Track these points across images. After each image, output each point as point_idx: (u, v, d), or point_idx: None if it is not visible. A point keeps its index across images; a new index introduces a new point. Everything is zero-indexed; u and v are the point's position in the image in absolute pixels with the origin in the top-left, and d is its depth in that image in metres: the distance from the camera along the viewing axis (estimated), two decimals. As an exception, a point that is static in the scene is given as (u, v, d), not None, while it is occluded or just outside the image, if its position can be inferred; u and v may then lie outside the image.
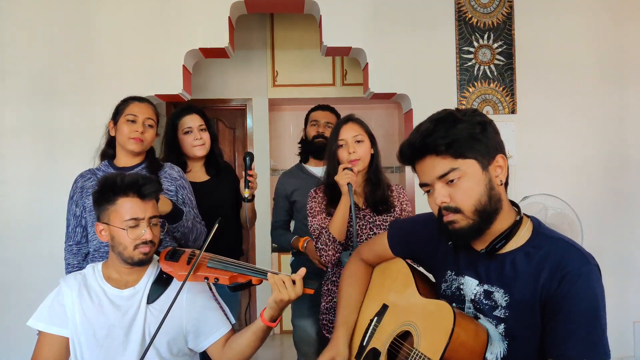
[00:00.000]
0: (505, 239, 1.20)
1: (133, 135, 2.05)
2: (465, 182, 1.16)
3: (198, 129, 2.40)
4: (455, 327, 1.16)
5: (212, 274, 1.53)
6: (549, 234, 1.21)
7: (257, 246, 4.51)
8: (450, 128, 1.16)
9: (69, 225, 2.09)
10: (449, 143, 1.14)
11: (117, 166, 2.10)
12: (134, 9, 3.07)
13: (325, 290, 2.13)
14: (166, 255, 1.61)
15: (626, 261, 3.25)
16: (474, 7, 3.21)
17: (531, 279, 1.15)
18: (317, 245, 2.05)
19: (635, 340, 3.26)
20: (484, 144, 1.18)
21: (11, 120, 3.04)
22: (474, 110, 1.23)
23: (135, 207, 1.55)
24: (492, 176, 1.19)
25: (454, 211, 1.17)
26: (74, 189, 2.09)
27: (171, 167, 2.18)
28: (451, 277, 1.32)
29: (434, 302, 1.30)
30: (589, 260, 1.13)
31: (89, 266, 1.68)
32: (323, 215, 2.08)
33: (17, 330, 2.83)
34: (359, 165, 2.02)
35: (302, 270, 1.50)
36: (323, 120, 2.67)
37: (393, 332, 1.36)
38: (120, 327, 1.56)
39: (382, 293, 1.49)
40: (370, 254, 1.57)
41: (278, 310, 1.51)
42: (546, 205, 2.91)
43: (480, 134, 1.17)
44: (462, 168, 1.15)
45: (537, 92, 3.24)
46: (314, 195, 2.15)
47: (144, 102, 2.13)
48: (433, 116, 1.21)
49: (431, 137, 1.16)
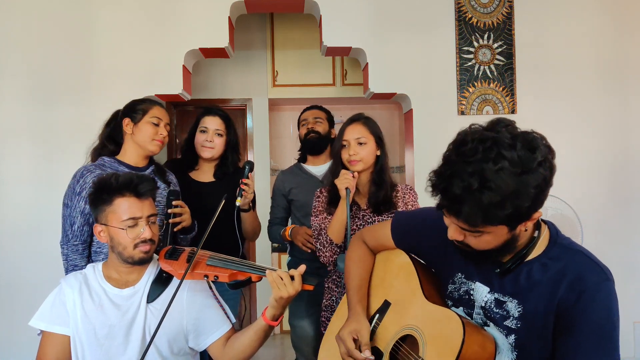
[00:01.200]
0: (521, 259, 1.15)
1: (158, 138, 2.07)
2: (485, 238, 1.09)
3: (214, 132, 2.37)
4: (465, 340, 1.13)
5: (211, 272, 1.53)
6: (567, 245, 1.16)
7: (257, 246, 4.51)
8: (517, 198, 0.98)
9: (74, 223, 1.97)
10: (487, 217, 1.00)
11: (128, 164, 2.07)
12: (133, 9, 3.07)
13: (326, 288, 2.15)
14: (165, 254, 1.61)
15: (626, 261, 3.25)
16: (474, 7, 3.21)
17: (547, 290, 1.11)
18: (317, 246, 2.09)
19: (635, 340, 3.26)
20: (532, 206, 1.03)
21: (10, 120, 3.04)
22: (541, 138, 1.05)
23: (132, 207, 1.55)
24: (517, 232, 1.10)
25: (467, 247, 1.14)
26: (82, 185, 1.97)
27: (170, 174, 2.23)
28: (461, 279, 1.28)
29: (441, 309, 1.26)
30: (607, 277, 1.10)
31: (89, 266, 1.68)
32: (324, 215, 2.10)
33: (17, 330, 2.84)
34: (359, 165, 2.03)
35: (302, 266, 1.50)
36: (311, 117, 2.68)
37: (396, 335, 1.34)
38: (121, 326, 1.56)
39: (384, 287, 1.46)
40: (372, 241, 1.53)
41: (280, 309, 1.51)
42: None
43: (540, 194, 1.02)
44: (487, 231, 1.07)
45: (537, 92, 3.24)
46: (319, 194, 2.17)
47: (163, 107, 2.16)
48: (502, 181, 0.97)
49: (494, 212, 0.99)
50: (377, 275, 1.51)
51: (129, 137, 2.08)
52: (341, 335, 1.38)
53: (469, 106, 3.22)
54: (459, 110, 3.21)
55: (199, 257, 1.57)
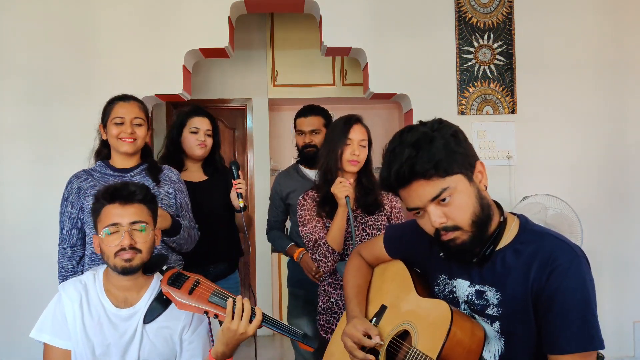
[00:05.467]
0: (493, 244, 1.21)
1: (122, 136, 1.99)
2: (458, 199, 1.15)
3: (205, 132, 2.42)
4: (453, 325, 1.17)
5: (212, 310, 1.46)
6: (536, 229, 1.23)
7: (257, 246, 4.51)
8: (430, 148, 1.13)
9: (63, 227, 2.02)
10: (435, 164, 1.12)
11: (115, 167, 2.05)
12: (133, 9, 3.07)
13: (322, 290, 2.13)
14: (169, 279, 1.54)
15: (625, 261, 3.25)
16: (474, 7, 3.21)
17: (521, 274, 1.16)
18: (315, 257, 2.05)
19: (635, 340, 3.26)
20: (463, 154, 1.17)
21: (9, 121, 3.03)
22: (439, 121, 1.20)
23: (113, 213, 1.52)
24: (478, 184, 1.19)
25: (452, 229, 1.17)
26: (69, 190, 2.02)
27: (170, 170, 2.15)
28: (444, 280, 1.33)
29: (431, 300, 1.31)
30: (577, 253, 1.15)
31: (89, 273, 1.63)
32: (313, 223, 2.07)
33: (16, 330, 2.83)
34: (357, 167, 2.05)
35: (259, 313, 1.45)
36: (308, 128, 2.62)
37: (392, 332, 1.37)
38: (118, 347, 1.54)
39: (381, 294, 1.50)
40: (368, 255, 1.59)
41: (225, 346, 1.43)
42: (546, 205, 2.91)
43: (457, 146, 1.16)
44: (451, 185, 1.15)
45: (537, 92, 3.24)
46: (302, 202, 2.13)
47: (129, 100, 2.05)
48: (405, 138, 1.17)
49: (417, 163, 1.13)
50: (375, 285, 1.55)
51: (109, 141, 2.05)
52: (347, 331, 1.40)
53: (469, 106, 3.22)
54: (459, 110, 3.22)
55: (202, 291, 1.50)
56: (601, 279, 3.06)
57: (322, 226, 2.06)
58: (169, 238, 2.00)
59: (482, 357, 1.21)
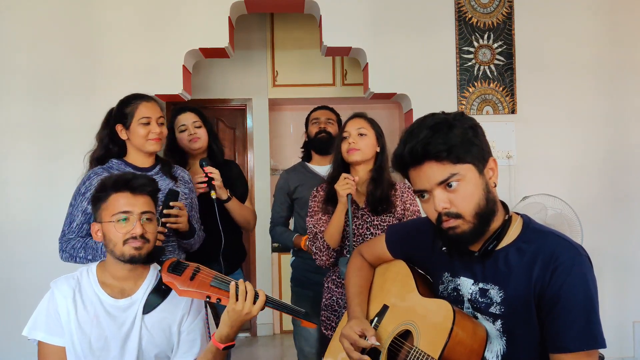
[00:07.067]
0: (496, 239, 1.22)
1: (152, 137, 2.01)
2: (464, 187, 1.16)
3: (192, 125, 2.43)
4: (455, 325, 1.17)
5: (214, 294, 1.47)
6: (539, 228, 1.23)
7: (257, 246, 4.52)
8: (448, 133, 1.16)
9: (73, 220, 1.97)
10: (449, 149, 1.15)
11: (136, 165, 2.04)
12: (134, 9, 3.07)
13: (325, 287, 2.15)
14: (169, 267, 1.54)
15: (626, 261, 3.26)
16: (474, 7, 3.21)
17: (524, 273, 1.17)
18: (312, 248, 2.09)
19: (635, 340, 3.26)
20: (479, 147, 1.19)
21: (12, 119, 3.04)
22: (461, 113, 1.24)
23: (125, 201, 1.53)
24: (487, 179, 1.20)
25: (454, 217, 1.17)
26: (87, 186, 1.97)
27: (182, 170, 2.18)
28: (447, 278, 1.33)
29: (433, 300, 1.31)
30: (579, 251, 1.15)
31: (82, 269, 1.63)
32: (319, 216, 2.10)
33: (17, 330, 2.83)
34: (357, 155, 2.03)
35: (262, 296, 1.47)
36: (324, 117, 2.71)
37: (393, 332, 1.37)
38: (117, 339, 1.54)
39: (383, 294, 1.50)
40: (371, 255, 1.59)
41: (229, 328, 1.44)
42: (546, 205, 2.92)
43: (474, 138, 1.18)
44: (461, 173, 1.16)
45: (537, 92, 3.24)
46: (315, 194, 2.17)
47: (151, 100, 2.07)
48: (426, 121, 1.21)
49: (431, 143, 1.15)
50: (377, 285, 1.55)
51: (128, 140, 2.06)
52: (344, 332, 1.40)
53: (469, 106, 3.22)
54: (459, 110, 3.22)
55: (204, 277, 1.50)
56: (601, 280, 3.03)
57: (326, 220, 2.08)
58: (183, 240, 2.03)
59: (484, 358, 1.21)
